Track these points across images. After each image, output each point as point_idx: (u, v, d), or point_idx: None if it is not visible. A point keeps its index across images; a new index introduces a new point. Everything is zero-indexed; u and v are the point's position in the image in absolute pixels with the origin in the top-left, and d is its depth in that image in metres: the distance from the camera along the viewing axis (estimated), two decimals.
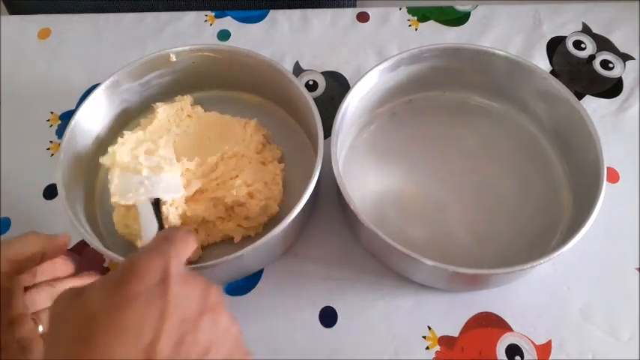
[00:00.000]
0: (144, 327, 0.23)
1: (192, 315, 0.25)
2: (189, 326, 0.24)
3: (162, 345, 0.23)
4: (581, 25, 0.59)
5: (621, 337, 0.42)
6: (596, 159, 0.42)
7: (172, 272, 0.25)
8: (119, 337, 0.23)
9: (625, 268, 0.45)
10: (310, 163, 0.43)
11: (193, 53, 0.49)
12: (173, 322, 0.24)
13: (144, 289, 0.24)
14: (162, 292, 0.24)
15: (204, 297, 0.26)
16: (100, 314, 0.23)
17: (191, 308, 0.25)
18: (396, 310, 0.44)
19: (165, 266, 0.25)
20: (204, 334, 0.25)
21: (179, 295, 0.24)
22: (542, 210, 0.46)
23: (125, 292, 0.24)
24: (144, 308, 0.24)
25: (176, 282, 0.25)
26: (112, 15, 0.62)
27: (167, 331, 0.23)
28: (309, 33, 0.60)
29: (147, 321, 0.23)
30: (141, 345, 0.23)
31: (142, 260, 0.25)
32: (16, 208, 0.49)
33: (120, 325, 0.23)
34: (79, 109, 0.46)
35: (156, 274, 0.25)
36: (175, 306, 0.24)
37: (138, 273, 0.24)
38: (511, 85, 0.49)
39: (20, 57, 0.59)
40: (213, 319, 0.26)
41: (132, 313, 0.23)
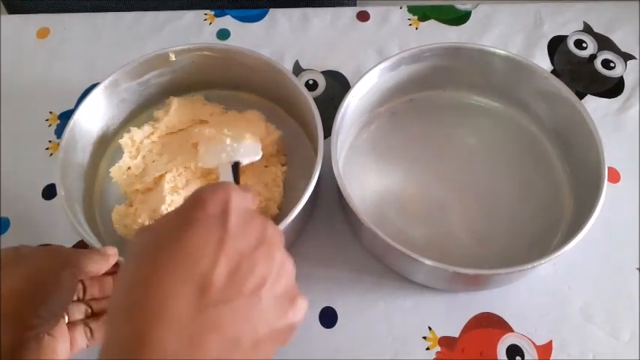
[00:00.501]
0: (202, 252, 0.24)
1: (248, 248, 0.26)
2: (245, 258, 0.25)
3: (218, 270, 0.24)
4: (583, 25, 0.59)
5: (622, 338, 0.42)
6: (597, 159, 0.42)
7: (233, 205, 0.26)
8: (179, 259, 0.24)
9: (626, 268, 0.45)
10: (310, 163, 0.43)
11: (193, 52, 0.49)
12: (230, 252, 0.25)
13: (205, 217, 0.25)
14: (222, 222, 0.25)
15: (262, 232, 0.27)
16: (163, 236, 0.25)
17: (248, 242, 0.26)
18: (397, 310, 0.44)
19: (227, 199, 0.26)
20: (259, 267, 0.25)
21: (237, 227, 0.25)
22: (543, 210, 0.46)
23: (187, 218, 0.25)
24: (204, 234, 0.25)
25: (236, 215, 0.26)
26: (110, 14, 0.62)
27: (224, 258, 0.24)
28: (309, 32, 0.60)
29: (205, 247, 0.24)
30: (198, 270, 0.24)
31: (206, 191, 0.26)
32: (16, 208, 0.49)
33: (180, 247, 0.24)
34: (78, 108, 0.46)
35: (217, 205, 0.26)
36: (233, 237, 0.25)
37: (201, 201, 0.26)
38: (512, 84, 0.49)
39: (19, 56, 0.59)
40: (268, 252, 0.26)
41: (192, 236, 0.25)
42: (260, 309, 0.25)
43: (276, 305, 0.26)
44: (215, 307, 0.24)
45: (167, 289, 0.24)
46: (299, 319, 0.27)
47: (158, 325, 0.23)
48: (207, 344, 0.23)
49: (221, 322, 0.24)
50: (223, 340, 0.24)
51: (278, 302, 0.26)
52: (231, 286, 0.24)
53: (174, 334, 0.23)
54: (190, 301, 0.23)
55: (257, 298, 0.25)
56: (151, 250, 0.25)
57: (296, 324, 0.27)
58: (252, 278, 0.25)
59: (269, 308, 0.26)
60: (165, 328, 0.23)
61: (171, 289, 0.24)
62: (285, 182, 0.48)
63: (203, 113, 0.50)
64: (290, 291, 0.27)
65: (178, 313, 0.23)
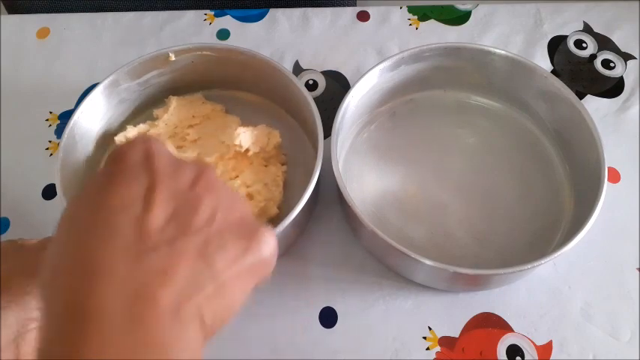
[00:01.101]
0: (130, 201, 0.22)
1: (184, 186, 0.23)
2: (183, 196, 0.22)
3: (153, 213, 0.21)
4: (583, 25, 0.59)
5: (622, 338, 0.42)
6: (597, 159, 0.42)
7: (155, 150, 0.24)
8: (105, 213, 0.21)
9: (626, 268, 0.45)
10: (310, 163, 0.43)
11: (192, 52, 0.49)
12: (163, 193, 0.22)
13: (126, 167, 0.23)
14: (148, 167, 0.23)
15: (196, 169, 0.24)
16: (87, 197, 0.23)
17: (182, 181, 0.23)
18: (397, 310, 0.44)
19: (148, 147, 0.24)
20: (203, 202, 0.23)
21: (166, 169, 0.23)
22: (543, 210, 0.46)
23: (108, 173, 0.23)
24: (128, 183, 0.22)
25: (161, 158, 0.23)
26: (110, 14, 0.62)
27: (157, 201, 0.22)
28: (309, 32, 0.59)
29: (132, 195, 0.22)
30: (129, 217, 0.21)
31: (123, 146, 0.24)
32: (15, 208, 0.49)
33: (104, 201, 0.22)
34: (77, 108, 0.46)
35: (138, 153, 0.23)
36: (163, 179, 0.22)
37: (119, 154, 0.23)
38: (512, 84, 0.49)
39: (19, 56, 0.59)
40: (208, 186, 0.23)
41: (116, 188, 0.22)
42: (214, 246, 0.22)
43: (234, 241, 0.23)
44: (156, 250, 0.21)
45: (97, 247, 0.21)
46: (268, 253, 0.24)
47: (94, 284, 0.20)
48: (158, 293, 0.20)
49: (169, 264, 0.21)
50: (176, 285, 0.21)
51: (235, 237, 0.23)
52: (172, 226, 0.21)
53: (115, 290, 0.20)
54: (127, 250, 0.20)
55: (206, 235, 0.22)
56: (76, 212, 0.22)
57: (267, 259, 0.24)
58: (196, 215, 0.22)
59: (225, 245, 0.22)
60: (103, 286, 0.20)
61: (102, 246, 0.21)
62: (285, 182, 0.47)
63: (202, 112, 0.50)
64: (248, 224, 0.24)
65: (115, 266, 0.20)
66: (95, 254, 0.21)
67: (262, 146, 0.47)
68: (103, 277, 0.20)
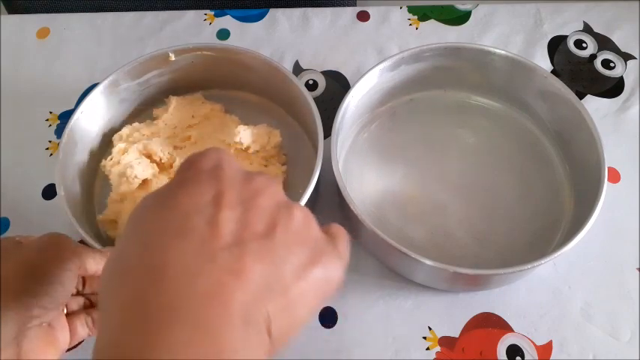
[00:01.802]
0: (201, 205, 0.22)
1: (250, 195, 0.23)
2: (250, 202, 0.23)
3: (223, 216, 0.21)
4: (583, 25, 0.59)
5: (622, 338, 0.42)
6: (597, 159, 0.42)
7: (225, 161, 0.24)
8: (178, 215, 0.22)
9: (626, 268, 0.45)
10: (310, 163, 0.43)
11: (192, 52, 0.49)
12: (231, 199, 0.22)
13: (197, 173, 0.23)
14: (217, 175, 0.23)
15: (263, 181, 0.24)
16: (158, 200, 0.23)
17: (249, 190, 0.23)
18: (397, 310, 0.44)
19: (219, 156, 0.24)
20: (271, 208, 0.23)
21: (234, 178, 0.23)
22: (543, 210, 0.46)
23: (180, 178, 0.24)
24: (199, 189, 0.23)
25: (230, 168, 0.24)
26: (110, 14, 0.62)
27: (226, 205, 0.22)
28: (309, 32, 0.59)
29: (203, 200, 0.22)
30: (200, 220, 0.21)
31: (196, 154, 0.25)
32: (15, 208, 0.49)
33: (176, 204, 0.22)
34: (77, 108, 0.46)
35: (209, 162, 0.24)
36: (231, 186, 0.23)
37: (191, 162, 0.24)
38: (512, 84, 0.49)
39: (19, 56, 0.59)
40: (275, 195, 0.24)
41: (187, 193, 0.22)
42: (284, 250, 0.22)
43: (304, 253, 0.23)
44: (229, 250, 0.21)
45: (168, 245, 0.21)
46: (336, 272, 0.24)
47: (163, 284, 0.20)
48: (228, 293, 0.20)
49: (240, 265, 0.20)
50: (247, 287, 0.20)
51: (306, 250, 0.23)
52: (241, 228, 0.21)
53: (187, 291, 0.20)
54: (197, 253, 0.20)
55: (277, 239, 0.22)
56: (147, 213, 0.23)
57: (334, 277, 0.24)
58: (264, 220, 0.22)
59: (296, 250, 0.22)
60: (173, 286, 0.20)
61: (172, 243, 0.21)
62: (285, 182, 0.47)
63: (202, 112, 0.50)
64: (320, 239, 0.24)
65: (185, 267, 0.20)
66: (167, 253, 0.21)
67: (263, 145, 0.47)
68: (174, 275, 0.20)
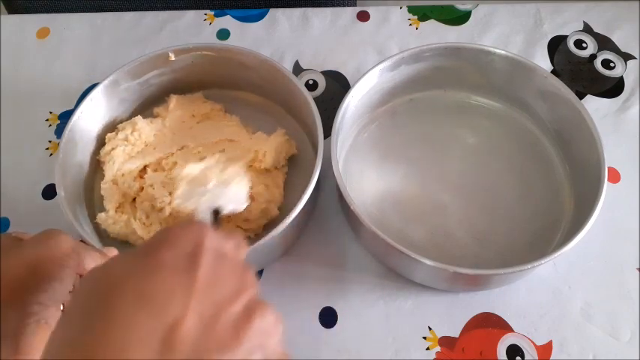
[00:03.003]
0: (169, 300, 0.21)
1: (224, 299, 0.22)
2: (219, 310, 0.21)
3: (188, 322, 0.20)
4: (582, 25, 0.59)
5: (622, 337, 0.42)
6: (597, 159, 0.42)
7: (206, 246, 0.23)
8: (141, 307, 0.20)
9: (626, 268, 0.45)
10: (310, 163, 0.43)
11: (192, 52, 0.49)
12: (202, 299, 0.21)
13: (173, 258, 0.22)
14: (193, 265, 0.22)
15: (240, 281, 0.23)
16: (122, 281, 0.21)
17: (224, 291, 0.22)
18: (397, 310, 0.44)
19: (199, 239, 0.23)
20: (238, 320, 0.22)
21: (211, 272, 0.22)
22: (543, 210, 0.46)
23: (152, 260, 0.22)
24: (171, 278, 0.21)
25: (209, 256, 0.22)
26: (110, 14, 0.62)
27: (194, 307, 0.21)
28: (309, 32, 0.59)
29: (173, 294, 0.21)
30: (164, 320, 0.20)
31: (176, 230, 0.23)
32: (16, 208, 0.49)
33: (143, 294, 0.21)
34: (77, 108, 0.46)
35: (188, 245, 0.22)
36: (205, 282, 0.21)
37: (169, 241, 0.22)
38: (512, 84, 0.49)
39: (19, 56, 0.59)
40: (248, 305, 0.23)
41: (158, 281, 0.21)
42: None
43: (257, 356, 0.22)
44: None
45: (124, 340, 0.19)
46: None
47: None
48: None
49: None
50: None
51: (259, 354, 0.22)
52: (203, 340, 0.20)
53: None
54: (153, 356, 0.19)
55: (234, 353, 0.21)
56: (106, 294, 0.21)
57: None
58: (229, 334, 0.21)
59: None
60: None
61: (130, 341, 0.19)
62: (285, 183, 0.48)
63: (202, 111, 0.50)
64: (275, 352, 0.23)
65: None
66: (118, 346, 0.19)
67: (277, 161, 0.47)
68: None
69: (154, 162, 0.46)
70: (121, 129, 0.48)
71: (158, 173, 0.46)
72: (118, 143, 0.47)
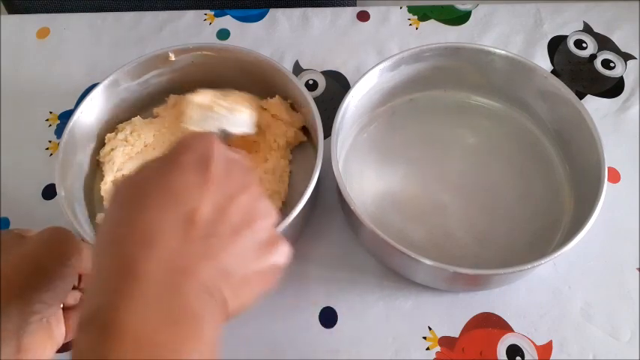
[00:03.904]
0: (187, 191, 0.25)
1: (232, 191, 0.26)
2: (230, 199, 0.26)
3: (204, 207, 0.25)
4: (583, 25, 0.59)
5: (622, 338, 0.42)
6: (597, 159, 0.42)
7: (215, 151, 0.27)
8: (167, 198, 0.25)
9: (626, 268, 0.45)
10: (310, 163, 0.43)
11: (192, 52, 0.49)
12: (214, 192, 0.26)
13: (190, 160, 0.26)
14: (206, 165, 0.26)
15: (245, 179, 0.28)
16: (151, 179, 0.26)
17: (231, 186, 0.27)
18: (397, 310, 0.44)
19: (210, 144, 0.27)
20: (245, 209, 0.27)
21: (220, 171, 0.26)
22: (543, 210, 0.46)
23: (173, 162, 0.26)
24: (190, 174, 0.26)
25: (219, 157, 0.27)
26: (110, 14, 0.62)
27: (208, 197, 0.25)
28: (309, 32, 0.59)
29: (190, 187, 0.25)
30: (185, 206, 0.25)
31: (190, 138, 0.27)
32: (15, 208, 0.49)
33: (167, 188, 0.25)
34: (77, 108, 0.46)
35: (201, 149, 0.27)
36: (217, 180, 0.26)
37: (186, 146, 0.27)
38: (512, 84, 0.49)
39: (19, 56, 0.59)
40: (252, 197, 0.27)
41: (179, 178, 0.26)
42: (247, 246, 0.26)
43: (260, 246, 0.27)
44: (204, 238, 0.25)
45: (154, 223, 0.24)
46: (282, 261, 0.28)
47: (146, 252, 0.23)
48: (199, 270, 0.24)
49: (211, 251, 0.25)
50: (214, 269, 0.25)
51: (263, 243, 0.27)
52: (218, 221, 0.25)
53: (163, 262, 0.23)
54: (178, 233, 0.24)
55: (243, 236, 0.26)
56: (136, 192, 0.26)
57: (279, 266, 0.28)
58: (237, 217, 0.26)
59: (254, 247, 0.27)
60: (154, 257, 0.23)
61: (158, 223, 0.24)
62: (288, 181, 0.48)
63: None
64: (272, 235, 0.28)
65: (167, 242, 0.24)
66: (150, 229, 0.24)
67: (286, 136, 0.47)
68: (155, 249, 0.24)
69: None
70: (120, 129, 0.48)
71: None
72: (117, 144, 0.47)
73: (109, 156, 0.47)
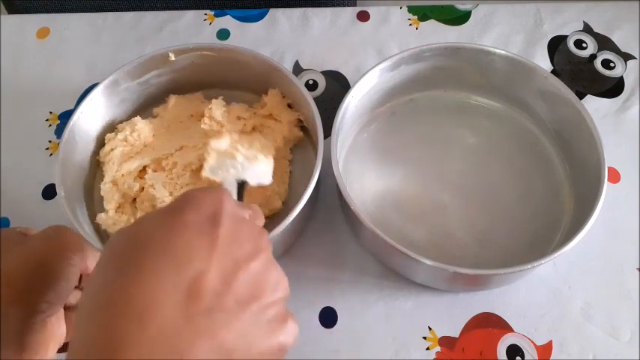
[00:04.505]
0: (193, 255, 0.22)
1: (243, 257, 0.24)
2: (240, 266, 0.23)
3: (211, 275, 0.22)
4: (582, 25, 0.59)
5: (622, 337, 0.42)
6: (597, 159, 0.42)
7: (225, 207, 0.25)
8: (168, 261, 0.22)
9: (626, 268, 0.45)
10: (310, 163, 0.43)
11: (192, 52, 0.49)
12: (223, 258, 0.23)
13: (196, 219, 0.24)
14: (214, 224, 0.24)
15: (257, 242, 0.25)
16: (150, 237, 0.23)
17: (242, 250, 0.24)
18: (397, 310, 0.44)
19: (220, 202, 0.25)
20: (256, 278, 0.24)
21: (230, 232, 0.24)
22: (543, 210, 0.46)
23: (177, 219, 0.23)
24: (195, 236, 0.23)
25: (228, 218, 0.24)
26: (110, 14, 0.62)
27: (216, 263, 0.22)
28: (309, 32, 0.59)
29: (196, 250, 0.23)
30: (188, 273, 0.22)
31: (198, 192, 0.25)
32: (15, 208, 0.49)
33: (169, 249, 0.22)
34: (77, 108, 0.46)
35: (209, 207, 0.24)
36: (226, 243, 0.23)
37: (192, 202, 0.24)
38: (512, 84, 0.49)
39: (19, 56, 0.59)
40: (266, 265, 0.25)
41: (182, 239, 0.23)
42: (254, 323, 0.23)
43: (269, 322, 0.24)
44: (207, 314, 0.22)
45: (151, 291, 0.21)
46: (290, 342, 0.25)
47: (137, 329, 0.20)
48: (197, 353, 0.21)
49: (213, 329, 0.21)
50: (214, 350, 0.21)
51: (271, 319, 0.24)
52: (225, 293, 0.22)
53: (157, 341, 0.20)
54: (178, 305, 0.21)
55: (251, 311, 0.23)
56: (134, 251, 0.23)
57: (287, 347, 0.25)
58: (246, 289, 0.23)
59: (262, 324, 0.23)
60: (146, 336, 0.20)
61: (155, 291, 0.21)
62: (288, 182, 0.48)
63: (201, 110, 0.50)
64: (282, 311, 0.25)
65: (163, 317, 0.21)
66: (146, 297, 0.21)
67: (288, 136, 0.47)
68: (148, 325, 0.21)
69: (153, 162, 0.46)
70: (120, 129, 0.48)
71: (158, 173, 0.46)
72: (117, 144, 0.47)
73: (109, 156, 0.47)
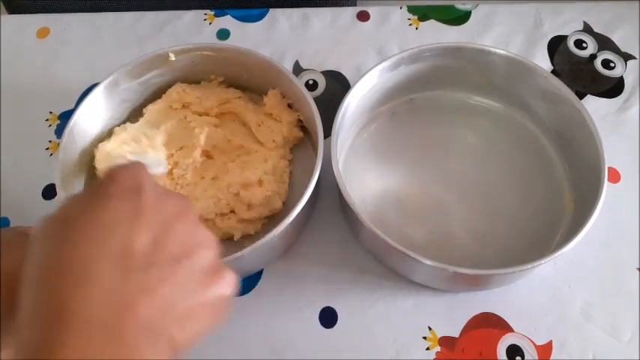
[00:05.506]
0: (120, 222, 0.24)
1: (167, 219, 0.25)
2: (166, 227, 0.25)
3: (139, 238, 0.23)
4: (582, 25, 0.59)
5: (622, 338, 0.42)
6: (597, 159, 0.42)
7: (145, 178, 0.26)
8: (98, 230, 0.23)
9: (626, 268, 0.45)
10: (310, 163, 0.43)
11: (192, 52, 0.49)
12: (149, 221, 0.24)
13: (118, 190, 0.25)
14: (137, 194, 0.25)
15: (179, 205, 0.26)
16: (79, 213, 0.24)
17: (166, 213, 0.25)
18: (397, 310, 0.44)
19: (139, 174, 0.26)
20: (182, 236, 0.25)
21: (153, 199, 0.25)
22: (543, 210, 0.46)
23: (102, 192, 0.25)
24: (120, 203, 0.24)
25: (150, 186, 0.26)
26: (110, 14, 0.62)
27: (144, 226, 0.24)
28: (309, 32, 0.59)
29: (123, 217, 0.24)
30: (119, 238, 0.23)
31: (117, 168, 0.26)
32: (15, 209, 0.49)
33: (98, 219, 0.24)
34: (77, 108, 0.46)
35: (130, 179, 0.25)
36: (151, 208, 0.25)
37: (113, 177, 0.25)
38: (512, 84, 0.49)
39: (19, 56, 0.59)
40: (189, 224, 0.26)
41: (109, 208, 0.24)
42: (189, 276, 0.25)
43: (202, 276, 0.25)
44: (142, 270, 0.23)
45: (86, 259, 0.22)
46: (228, 291, 0.27)
47: (80, 292, 0.22)
48: (138, 307, 0.22)
49: (150, 285, 0.23)
50: (154, 303, 0.23)
51: (206, 272, 0.25)
52: (155, 252, 0.24)
53: (100, 299, 0.22)
54: (114, 267, 0.22)
55: (184, 266, 0.24)
56: (65, 227, 0.24)
57: (227, 297, 0.26)
58: (176, 246, 0.25)
59: (197, 277, 0.25)
60: (89, 296, 0.22)
61: (91, 259, 0.22)
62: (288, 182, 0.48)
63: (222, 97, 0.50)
64: (215, 263, 0.26)
65: (102, 279, 0.22)
66: (84, 265, 0.22)
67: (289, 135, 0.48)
68: (90, 287, 0.22)
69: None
70: (119, 130, 0.48)
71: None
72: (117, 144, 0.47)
73: (109, 156, 0.47)
